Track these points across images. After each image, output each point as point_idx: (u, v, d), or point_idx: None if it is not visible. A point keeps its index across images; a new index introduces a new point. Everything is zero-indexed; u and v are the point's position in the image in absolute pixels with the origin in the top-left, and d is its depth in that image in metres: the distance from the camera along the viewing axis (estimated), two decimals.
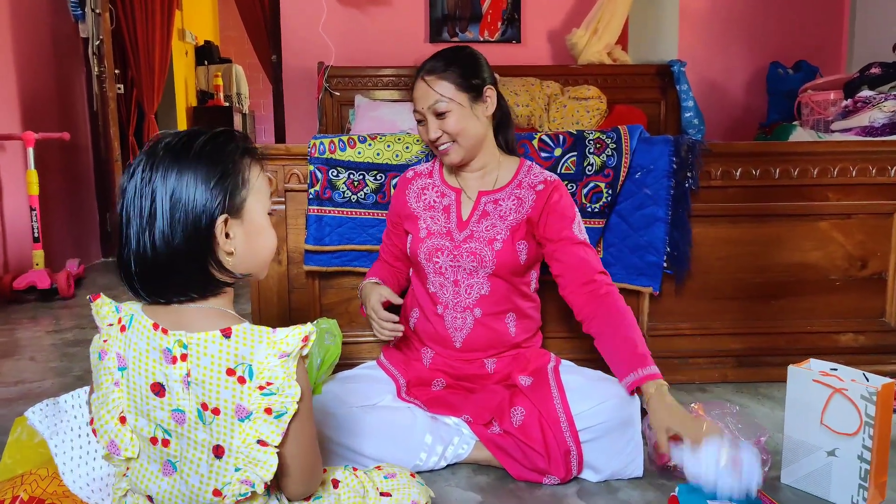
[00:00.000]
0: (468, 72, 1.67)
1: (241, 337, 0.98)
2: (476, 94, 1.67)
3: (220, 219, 1.01)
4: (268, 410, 0.98)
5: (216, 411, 0.98)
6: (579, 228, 1.71)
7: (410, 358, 1.77)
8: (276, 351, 0.98)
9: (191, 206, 0.99)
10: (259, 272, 1.13)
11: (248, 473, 0.99)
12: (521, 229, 1.69)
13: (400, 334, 1.67)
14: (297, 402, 0.99)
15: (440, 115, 1.65)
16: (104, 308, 1.08)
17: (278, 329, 1.00)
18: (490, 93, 1.70)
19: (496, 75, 1.78)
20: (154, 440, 1.04)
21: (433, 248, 1.71)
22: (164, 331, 1.01)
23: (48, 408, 1.32)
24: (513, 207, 1.70)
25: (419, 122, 1.71)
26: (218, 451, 1.00)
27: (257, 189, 1.08)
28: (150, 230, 0.98)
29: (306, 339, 1.00)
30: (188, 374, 0.99)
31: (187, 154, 1.01)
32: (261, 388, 0.97)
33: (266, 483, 1.00)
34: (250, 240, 1.07)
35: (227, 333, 0.98)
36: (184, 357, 0.99)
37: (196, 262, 1.01)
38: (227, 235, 1.03)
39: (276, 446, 0.99)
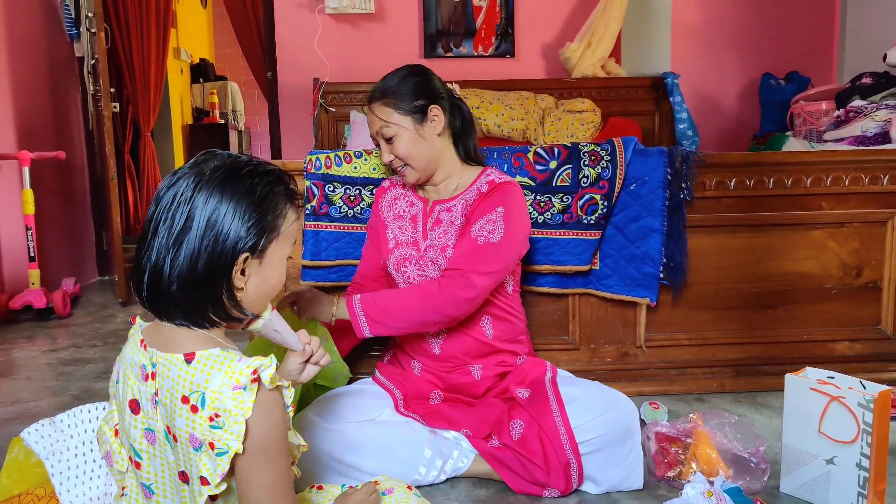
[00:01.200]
0: (411, 94, 1.67)
1: (201, 363, 0.95)
2: (421, 115, 1.68)
3: (242, 256, 1.00)
4: (211, 445, 0.92)
5: (175, 438, 0.96)
6: (480, 226, 1.63)
7: (405, 370, 1.77)
8: (232, 381, 0.93)
9: (222, 237, 0.97)
10: (256, 310, 1.10)
11: (219, 502, 0.97)
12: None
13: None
14: (241, 442, 0.91)
15: (388, 140, 1.69)
16: (133, 330, 1.09)
17: (244, 358, 0.96)
18: (436, 112, 1.69)
19: (454, 85, 1.80)
20: (130, 459, 1.04)
21: (401, 257, 1.73)
22: (145, 346, 1.01)
23: (44, 428, 1.32)
24: (460, 212, 1.71)
25: (377, 146, 1.75)
26: (183, 477, 0.98)
27: (286, 235, 1.07)
28: (176, 247, 0.96)
29: (255, 371, 0.94)
30: (156, 394, 0.98)
31: (234, 184, 0.99)
32: (210, 419, 0.92)
33: None
34: (262, 282, 1.05)
35: (189, 358, 0.95)
36: (153, 376, 0.98)
37: (211, 291, 0.99)
38: (242, 272, 1.01)
39: (214, 487, 0.92)
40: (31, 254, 3.49)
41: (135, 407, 1.00)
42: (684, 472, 1.57)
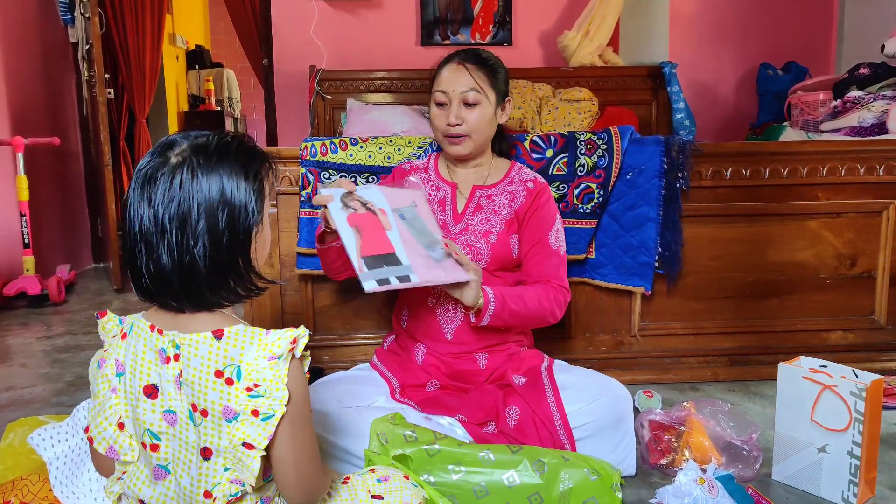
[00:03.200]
0: (501, 76, 1.73)
1: (231, 338, 0.98)
2: (501, 99, 1.73)
3: (256, 228, 1.02)
4: (254, 412, 0.97)
5: (204, 413, 0.98)
6: (555, 237, 1.73)
7: (404, 359, 1.77)
8: (266, 353, 0.98)
9: (238, 213, 0.98)
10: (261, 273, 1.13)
11: (238, 473, 0.99)
12: (513, 224, 1.73)
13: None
14: (285, 406, 0.97)
15: (468, 105, 1.67)
16: (109, 323, 1.09)
17: (272, 331, 0.99)
18: (509, 105, 1.76)
19: None
20: (143, 446, 1.04)
21: None
22: (160, 331, 1.01)
23: (46, 431, 1.34)
24: (506, 202, 1.74)
25: (440, 104, 1.70)
26: (206, 454, 1.00)
27: (268, 196, 1.08)
28: (195, 237, 0.96)
29: (295, 341, 0.99)
30: (180, 375, 0.99)
31: (227, 160, 1.00)
32: (248, 389, 0.96)
33: (252, 485, 1.00)
34: (262, 244, 1.07)
35: (218, 335, 0.98)
36: (176, 357, 1.00)
37: (237, 269, 1.01)
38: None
39: (262, 449, 0.97)
40: (26, 240, 3.48)
41: (151, 391, 1.01)
42: (677, 460, 1.58)
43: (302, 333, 1.00)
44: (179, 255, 0.97)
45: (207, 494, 1.00)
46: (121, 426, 1.05)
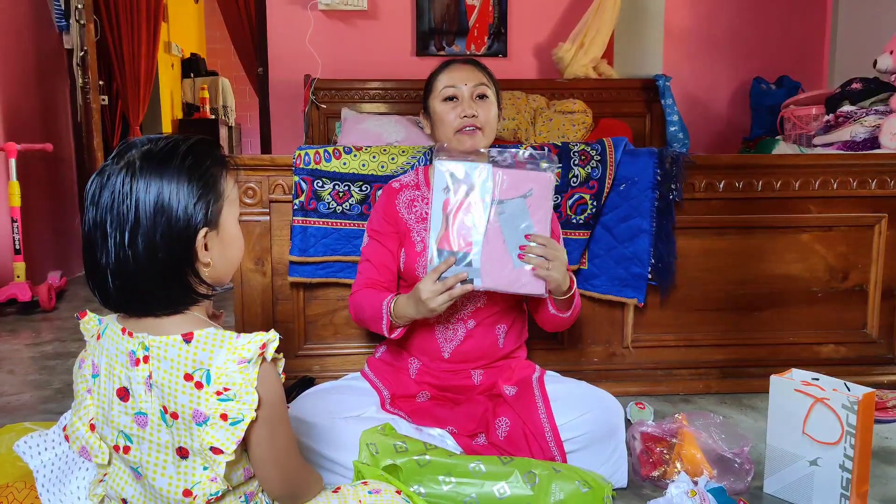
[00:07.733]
0: (497, 84, 1.77)
1: (201, 342, 0.99)
2: (498, 101, 1.75)
3: (202, 232, 1.01)
4: (223, 416, 0.97)
5: (175, 415, 0.99)
6: (560, 242, 1.72)
7: (397, 369, 1.76)
8: (236, 357, 0.98)
9: (174, 219, 0.98)
10: (226, 280, 1.13)
11: (218, 471, 1.00)
12: None
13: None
14: (255, 410, 0.98)
15: (481, 98, 1.69)
16: (90, 323, 1.10)
17: (241, 335, 1.00)
18: (500, 109, 1.77)
19: None
20: (116, 448, 1.05)
21: None
22: (130, 334, 1.02)
23: (32, 439, 1.32)
24: None
25: (450, 98, 1.68)
26: (182, 452, 1.00)
27: (231, 200, 1.09)
28: (132, 241, 0.97)
29: (264, 346, 0.99)
30: (150, 377, 1.00)
31: (169, 164, 1.00)
32: (218, 393, 0.97)
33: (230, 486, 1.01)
34: (225, 250, 1.08)
35: (188, 338, 0.99)
36: (146, 359, 1.00)
37: (177, 275, 1.01)
38: (205, 247, 1.03)
39: (230, 454, 0.98)
40: (17, 246, 3.46)
41: (123, 394, 1.02)
42: (669, 472, 1.57)
43: (272, 338, 1.01)
44: (117, 258, 0.97)
45: (187, 493, 1.01)
46: (92, 427, 1.07)
